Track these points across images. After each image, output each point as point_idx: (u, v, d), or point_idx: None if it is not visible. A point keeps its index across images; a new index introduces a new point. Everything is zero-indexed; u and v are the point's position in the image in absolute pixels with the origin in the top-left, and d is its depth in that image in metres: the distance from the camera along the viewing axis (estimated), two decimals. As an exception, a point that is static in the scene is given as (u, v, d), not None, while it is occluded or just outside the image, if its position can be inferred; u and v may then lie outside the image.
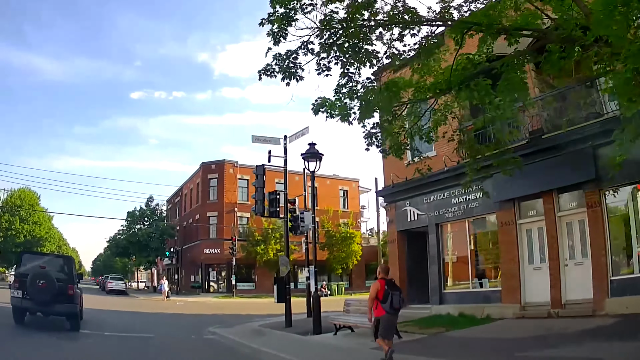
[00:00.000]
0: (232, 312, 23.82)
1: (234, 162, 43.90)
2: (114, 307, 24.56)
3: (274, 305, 26.82)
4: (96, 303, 24.97)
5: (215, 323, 17.17)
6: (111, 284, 45.54)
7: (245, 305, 30.53)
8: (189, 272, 48.18)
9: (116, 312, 21.70)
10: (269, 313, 21.23)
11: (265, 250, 38.60)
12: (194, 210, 46.86)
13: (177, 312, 24.32)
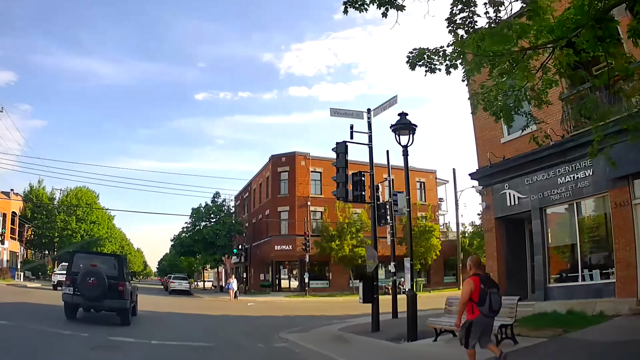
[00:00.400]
0: (306, 313, 23.70)
1: (306, 154, 45.22)
2: (173, 308, 24.58)
3: (351, 305, 27.65)
4: (154, 304, 25.37)
5: (287, 327, 16.11)
6: (174, 284, 47.32)
7: (320, 305, 30.72)
8: (258, 271, 49.94)
9: (175, 314, 21.41)
10: (348, 314, 21.29)
11: (340, 246, 39.39)
12: (264, 205, 48.49)
13: (244, 314, 23.45)
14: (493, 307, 7.17)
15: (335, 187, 46.35)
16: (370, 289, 14.38)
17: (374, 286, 14.44)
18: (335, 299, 35.74)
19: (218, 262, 52.25)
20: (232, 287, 35.63)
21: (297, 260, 43.20)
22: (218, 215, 49.64)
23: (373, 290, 14.32)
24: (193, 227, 50.37)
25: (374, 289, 14.37)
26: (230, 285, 36.24)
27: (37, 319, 14.41)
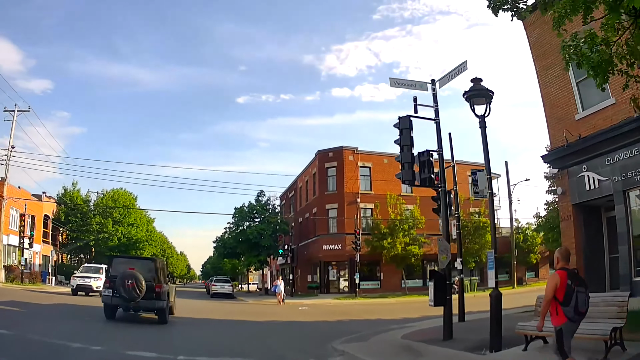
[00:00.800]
0: (360, 317, 23.56)
1: (354, 149, 46.78)
2: (212, 314, 24.23)
3: (407, 306, 29.65)
4: (192, 310, 25.52)
5: (341, 334, 15.28)
6: (215, 287, 49.16)
7: (373, 307, 31.17)
8: (305, 272, 51.71)
9: (213, 321, 20.57)
10: (406, 317, 21.49)
11: (392, 244, 40.83)
12: (311, 203, 50.37)
13: (292, 320, 22.42)
14: (579, 308, 6.69)
15: (383, 182, 47.95)
16: (442, 289, 13.35)
17: (447, 286, 13.60)
18: (388, 301, 36.83)
19: (263, 263, 54.19)
20: (280, 290, 35.89)
21: (347, 260, 44.55)
22: (262, 215, 51.66)
23: (446, 291, 13.42)
24: (236, 227, 52.57)
25: (447, 289, 13.50)
26: (277, 288, 36.43)
27: (40, 327, 14.30)
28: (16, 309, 19.15)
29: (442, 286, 13.38)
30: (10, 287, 34.79)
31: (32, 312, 18.74)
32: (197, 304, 33.06)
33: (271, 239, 49.85)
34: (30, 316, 17.38)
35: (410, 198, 44.14)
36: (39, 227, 56.63)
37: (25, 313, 18.21)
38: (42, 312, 19.35)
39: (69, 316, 18.74)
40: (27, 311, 18.75)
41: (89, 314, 18.92)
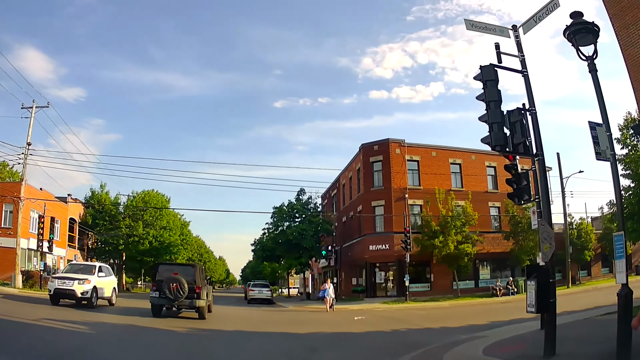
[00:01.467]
0: (419, 325, 22.49)
1: (400, 141, 47.61)
2: (247, 324, 23.07)
3: (464, 311, 31.26)
4: (224, 319, 24.90)
5: (406, 348, 14.41)
6: (253, 292, 50.18)
7: (428, 313, 30.76)
8: (349, 274, 52.83)
9: (246, 335, 18.70)
10: (471, 324, 21.15)
11: (444, 243, 41.16)
12: (355, 201, 51.64)
13: (341, 331, 20.79)
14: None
15: (432, 176, 49.26)
16: (546, 290, 11.32)
17: (551, 285, 11.63)
18: (440, 305, 37.22)
19: (304, 266, 55.25)
20: (329, 295, 34.97)
21: (395, 261, 45.39)
22: (303, 214, 53.02)
23: (549, 291, 11.40)
24: (275, 228, 54.14)
25: (551, 290, 11.51)
26: (325, 293, 35.45)
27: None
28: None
29: (545, 286, 11.34)
30: (24, 293, 34.95)
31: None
32: (232, 312, 33.06)
33: (313, 239, 50.97)
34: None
35: (461, 193, 45.23)
36: (63, 231, 58.47)
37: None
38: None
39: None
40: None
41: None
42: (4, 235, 45.69)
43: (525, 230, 44.27)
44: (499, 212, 49.21)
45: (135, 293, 65.95)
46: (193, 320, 22.05)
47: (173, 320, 21.49)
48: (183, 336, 16.84)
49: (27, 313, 19.36)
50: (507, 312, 26.21)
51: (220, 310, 32.70)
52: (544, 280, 11.39)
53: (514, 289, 42.79)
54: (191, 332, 17.80)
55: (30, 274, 42.42)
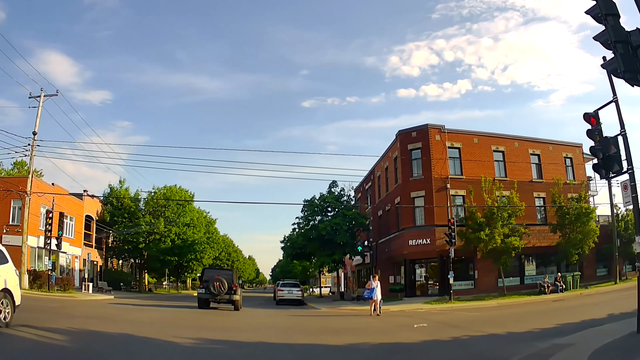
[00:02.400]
0: (480, 330, 19.60)
1: (440, 127, 46.18)
2: (273, 333, 19.83)
3: (521, 311, 30.06)
4: (249, 325, 23.44)
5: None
6: (282, 292, 48.51)
7: (484, 315, 28.48)
8: (386, 272, 51.21)
9: (270, 347, 15.45)
10: (539, 328, 19.11)
11: (490, 236, 39.33)
12: (393, 193, 50.30)
13: (386, 342, 17.34)
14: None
15: (475, 164, 47.13)
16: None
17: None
18: (487, 304, 35.85)
19: (338, 263, 53.26)
20: (376, 295, 30.09)
21: (437, 256, 43.91)
22: (336, 208, 51.79)
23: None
24: (306, 223, 52.99)
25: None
26: (372, 293, 30.32)
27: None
28: None
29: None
30: (27, 294, 32.92)
31: None
32: (257, 315, 31.70)
33: (347, 234, 49.64)
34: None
35: (505, 183, 43.49)
36: (79, 229, 58.84)
37: None
38: None
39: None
40: None
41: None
42: (12, 233, 45.39)
43: (572, 222, 42.99)
44: (544, 203, 47.70)
45: (158, 294, 65.84)
46: (205, 329, 20.19)
47: (179, 328, 19.60)
48: (188, 351, 13.92)
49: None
50: (569, 312, 25.16)
51: (244, 313, 31.82)
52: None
53: (562, 285, 41.17)
54: (198, 345, 15.11)
55: (38, 274, 41.58)
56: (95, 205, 65.75)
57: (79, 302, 35.61)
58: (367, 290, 31.24)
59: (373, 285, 30.72)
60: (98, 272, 65.10)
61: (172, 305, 37.85)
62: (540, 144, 49.90)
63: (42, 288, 39.25)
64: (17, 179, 47.05)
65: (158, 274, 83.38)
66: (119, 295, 48.06)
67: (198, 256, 75.23)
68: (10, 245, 43.98)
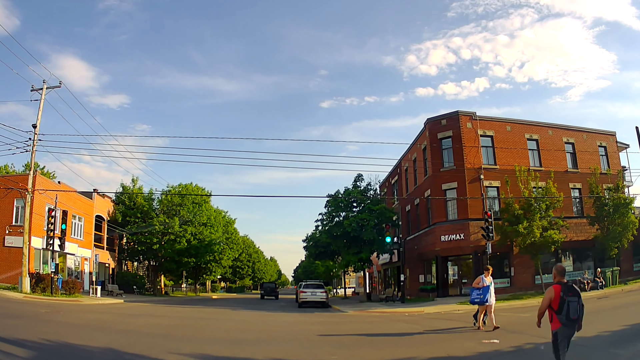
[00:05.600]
0: (541, 335, 14.12)
1: (471, 114, 45.32)
2: (297, 348, 16.48)
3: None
4: (260, 338, 19.67)
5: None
6: (305, 294, 46.29)
7: (533, 316, 24.07)
8: (415, 271, 50.57)
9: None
10: (607, 331, 17.37)
11: (529, 230, 37.69)
12: (422, 185, 49.48)
13: (445, 356, 14.81)
14: (571, 315, 9.41)
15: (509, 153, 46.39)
16: None
17: None
18: (528, 303, 33.14)
19: (365, 262, 52.08)
20: (488, 301, 20.36)
21: (471, 252, 42.62)
22: (362, 203, 50.57)
23: None
24: (330, 219, 51.80)
25: None
26: (484, 295, 20.48)
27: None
28: None
29: None
30: (28, 298, 34.20)
31: None
32: (277, 320, 29.51)
33: (375, 231, 48.44)
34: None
35: (541, 173, 42.03)
36: (88, 229, 58.33)
37: None
38: None
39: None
40: None
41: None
42: (15, 234, 45.23)
43: (611, 213, 42.15)
44: (580, 194, 46.84)
45: (174, 298, 65.55)
46: (212, 341, 17.58)
47: (180, 341, 17.23)
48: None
49: None
50: (623, 311, 24.03)
51: (262, 318, 30.65)
52: None
53: (602, 281, 40.15)
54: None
55: (41, 277, 40.72)
56: (106, 205, 65.23)
57: (80, 306, 34.85)
58: (476, 291, 20.94)
59: (486, 283, 20.74)
60: (110, 275, 64.71)
61: (184, 309, 37.18)
62: (575, 132, 49.18)
63: (46, 291, 38.66)
64: (19, 177, 46.71)
65: (175, 276, 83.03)
66: (130, 299, 47.56)
67: (217, 257, 74.95)
68: (13, 246, 44.17)
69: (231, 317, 29.85)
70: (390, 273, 62.85)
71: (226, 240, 77.03)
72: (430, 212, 47.06)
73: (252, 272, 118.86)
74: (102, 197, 64.33)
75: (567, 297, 9.45)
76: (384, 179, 63.48)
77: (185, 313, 32.91)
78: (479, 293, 20.87)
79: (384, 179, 63.48)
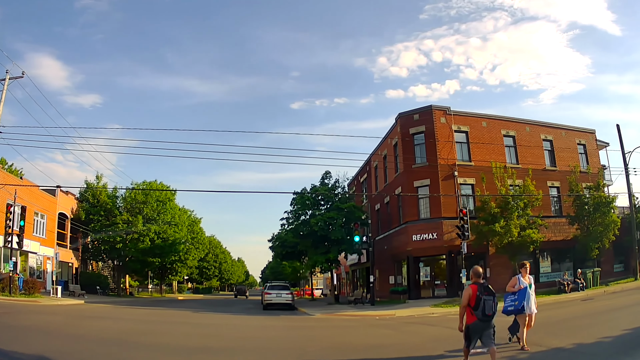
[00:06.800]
0: (536, 343, 14.23)
1: (445, 108, 42.46)
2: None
3: (548, 316, 21.17)
4: (229, 337, 19.15)
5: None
6: (270, 296, 42.57)
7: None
8: (385, 272, 48.12)
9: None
10: (607, 337, 14.75)
11: (507, 229, 35.31)
12: (393, 183, 46.07)
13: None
14: (486, 312, 9.91)
15: (484, 150, 41.68)
16: None
17: None
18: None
19: (332, 263, 48.35)
20: (527, 309, 14.43)
21: (445, 253, 40.11)
22: (330, 201, 47.62)
23: None
24: (296, 218, 48.79)
25: None
26: (521, 300, 14.52)
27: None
28: None
29: None
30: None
31: None
32: (240, 324, 26.58)
33: (343, 230, 45.40)
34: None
35: (518, 170, 39.55)
36: (51, 227, 55.05)
37: None
38: None
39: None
40: None
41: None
42: (-28, 233, 41.69)
43: (591, 213, 39.54)
44: (559, 193, 44.02)
45: (139, 299, 62.45)
46: (165, 349, 15.03)
47: (128, 349, 14.38)
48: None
49: None
50: (614, 314, 21.69)
51: (224, 321, 28.16)
52: None
53: (583, 282, 37.24)
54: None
55: (0, 276, 38.22)
56: (70, 203, 61.96)
57: (37, 307, 31.97)
58: (510, 296, 14.82)
59: (524, 285, 14.68)
60: (74, 275, 61.38)
61: (145, 311, 35.00)
62: (553, 129, 46.67)
63: (5, 292, 36.07)
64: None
65: (140, 276, 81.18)
66: (91, 300, 44.73)
67: (182, 257, 73.16)
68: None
69: (193, 321, 27.48)
70: (359, 274, 60.41)
71: (191, 240, 75.23)
72: (401, 211, 43.49)
73: (219, 272, 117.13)
74: (66, 194, 60.80)
75: (483, 295, 9.93)
76: (352, 178, 59.89)
77: (145, 316, 30.70)
78: (513, 299, 14.66)
79: (352, 178, 59.89)
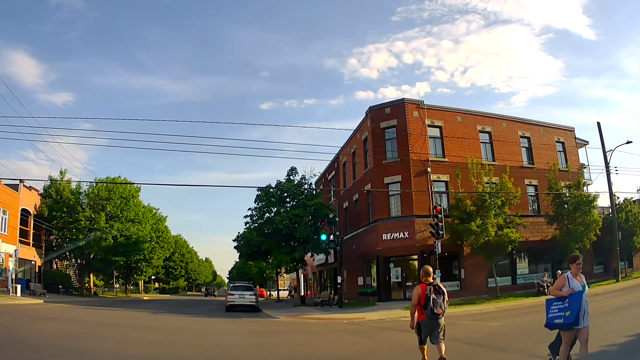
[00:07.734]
0: (527, 352, 12.51)
1: (418, 102, 39.32)
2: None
3: (534, 320, 17.71)
4: (182, 344, 16.64)
5: None
6: (233, 297, 38.93)
7: (505, 325, 20.33)
8: (354, 273, 45.31)
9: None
10: (613, 343, 12.63)
11: (483, 228, 32.57)
12: (362, 179, 42.62)
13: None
14: (435, 310, 10.17)
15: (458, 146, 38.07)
16: None
17: None
18: (485, 308, 28.52)
19: (298, 263, 44.79)
20: (580, 323, 9.42)
21: (417, 253, 36.97)
22: (296, 198, 44.10)
23: None
24: (260, 215, 45.13)
25: None
26: (572, 312, 9.48)
27: None
28: None
29: None
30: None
31: None
32: (199, 328, 23.69)
33: (309, 228, 41.97)
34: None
35: (495, 167, 36.97)
36: (13, 224, 51.52)
37: None
38: None
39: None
40: None
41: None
42: None
43: (571, 212, 37.71)
44: (537, 191, 41.61)
45: (103, 299, 59.40)
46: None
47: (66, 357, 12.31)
48: None
49: None
50: (605, 318, 18.77)
51: (182, 324, 25.14)
52: None
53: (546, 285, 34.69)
54: None
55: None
56: (33, 198, 58.33)
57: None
58: (557, 303, 9.90)
59: (576, 287, 9.96)
60: (37, 273, 57.73)
61: (104, 312, 32.70)
62: (531, 125, 44.11)
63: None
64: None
65: (105, 275, 78.11)
66: (52, 300, 41.94)
67: (147, 256, 70.30)
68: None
69: (149, 324, 25.39)
70: (326, 275, 57.20)
71: (156, 239, 71.93)
72: (371, 208, 40.34)
73: (185, 272, 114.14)
74: (29, 189, 57.14)
75: (431, 294, 10.08)
76: (320, 175, 56.65)
77: (101, 317, 28.27)
78: (562, 307, 9.71)
79: (320, 175, 56.65)
